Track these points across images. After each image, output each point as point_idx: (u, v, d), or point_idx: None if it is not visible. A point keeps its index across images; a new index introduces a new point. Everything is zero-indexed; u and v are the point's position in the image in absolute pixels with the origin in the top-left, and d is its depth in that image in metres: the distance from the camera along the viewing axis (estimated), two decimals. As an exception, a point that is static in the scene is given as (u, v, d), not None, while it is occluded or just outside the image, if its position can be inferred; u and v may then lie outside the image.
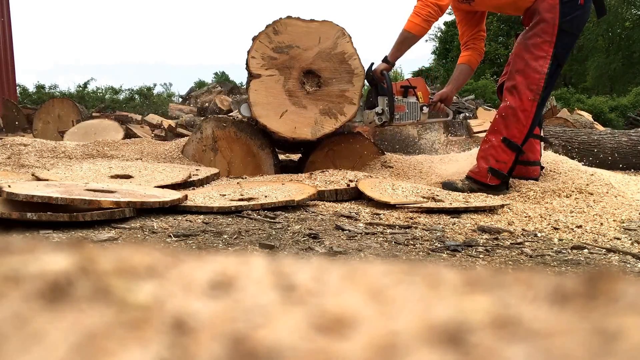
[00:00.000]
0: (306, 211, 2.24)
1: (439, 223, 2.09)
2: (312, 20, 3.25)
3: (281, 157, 4.13)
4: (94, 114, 7.83)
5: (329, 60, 3.27)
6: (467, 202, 2.43)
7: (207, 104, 9.40)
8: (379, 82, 3.18)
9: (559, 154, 3.71)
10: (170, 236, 1.74)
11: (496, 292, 0.23)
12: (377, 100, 3.21)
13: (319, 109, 3.29)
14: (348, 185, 2.66)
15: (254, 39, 3.24)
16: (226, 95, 9.81)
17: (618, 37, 26.66)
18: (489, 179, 2.78)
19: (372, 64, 3.22)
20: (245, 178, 3.14)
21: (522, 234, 1.97)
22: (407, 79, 3.37)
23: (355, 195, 2.62)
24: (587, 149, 4.63)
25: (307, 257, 1.45)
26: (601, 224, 2.15)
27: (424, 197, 2.48)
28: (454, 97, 10.15)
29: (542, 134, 3.21)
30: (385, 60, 3.14)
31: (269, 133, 3.33)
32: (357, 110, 3.30)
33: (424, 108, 3.26)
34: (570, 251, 1.75)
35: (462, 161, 3.48)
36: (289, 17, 3.24)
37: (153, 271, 0.25)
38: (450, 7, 3.11)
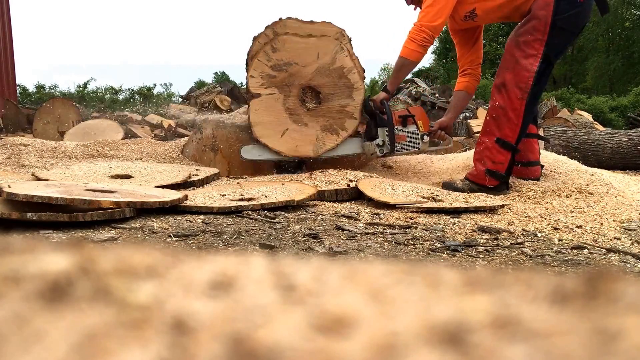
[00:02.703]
0: (306, 211, 2.24)
1: (439, 223, 2.09)
2: (309, 36, 3.20)
3: (281, 157, 4.13)
4: (93, 114, 7.84)
5: (328, 75, 3.23)
6: (468, 202, 2.43)
7: (207, 104, 9.40)
8: (379, 111, 3.16)
9: (559, 154, 3.71)
10: (170, 236, 1.74)
11: (496, 292, 0.23)
12: (377, 132, 3.18)
13: (320, 125, 3.25)
14: (348, 185, 2.67)
15: (252, 57, 3.18)
16: (226, 95, 9.81)
17: (618, 37, 26.67)
18: (487, 180, 2.78)
19: (369, 96, 3.20)
20: (246, 178, 3.14)
21: (522, 234, 1.97)
22: (405, 108, 3.35)
23: (356, 195, 2.62)
24: (587, 149, 4.63)
25: (307, 257, 1.45)
26: (601, 224, 2.15)
27: (424, 197, 2.48)
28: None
29: (541, 133, 3.21)
30: (384, 89, 3.14)
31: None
32: (358, 141, 3.28)
33: (425, 137, 3.23)
34: (570, 251, 1.75)
35: (461, 160, 3.48)
36: (286, 34, 3.20)
37: (153, 271, 0.25)
38: (448, 29, 3.12)
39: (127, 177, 2.78)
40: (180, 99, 13.38)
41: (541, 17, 2.65)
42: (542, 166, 3.10)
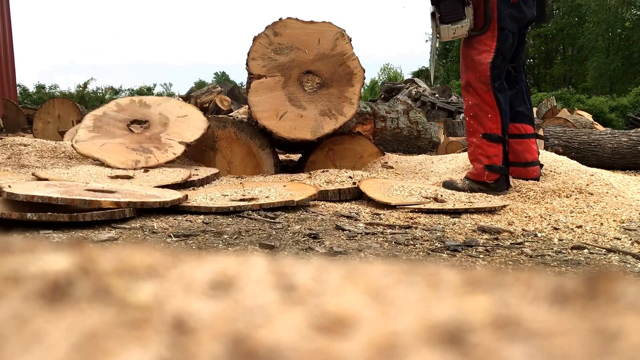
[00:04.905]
0: (306, 211, 2.24)
1: (439, 223, 2.09)
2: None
3: (281, 157, 4.13)
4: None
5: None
6: (470, 202, 2.43)
7: (207, 104, 9.40)
8: None
9: (559, 154, 3.71)
10: (170, 236, 1.74)
11: (496, 292, 0.23)
12: (465, 11, 2.90)
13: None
14: (354, 184, 2.68)
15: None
16: (226, 96, 9.80)
17: (618, 37, 26.66)
18: (488, 176, 2.79)
19: None
20: (246, 178, 3.14)
21: (522, 234, 1.97)
22: None
23: (358, 195, 2.62)
24: (587, 149, 4.63)
25: (307, 257, 1.45)
26: (601, 224, 2.15)
27: (427, 198, 2.48)
28: (455, 97, 10.05)
29: (539, 132, 3.21)
30: None
31: (269, 133, 3.34)
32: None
33: None
34: (570, 251, 1.75)
35: (461, 160, 3.48)
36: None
37: (153, 271, 0.25)
38: None
39: (128, 177, 2.78)
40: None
41: (488, 15, 2.74)
42: (542, 165, 3.10)
